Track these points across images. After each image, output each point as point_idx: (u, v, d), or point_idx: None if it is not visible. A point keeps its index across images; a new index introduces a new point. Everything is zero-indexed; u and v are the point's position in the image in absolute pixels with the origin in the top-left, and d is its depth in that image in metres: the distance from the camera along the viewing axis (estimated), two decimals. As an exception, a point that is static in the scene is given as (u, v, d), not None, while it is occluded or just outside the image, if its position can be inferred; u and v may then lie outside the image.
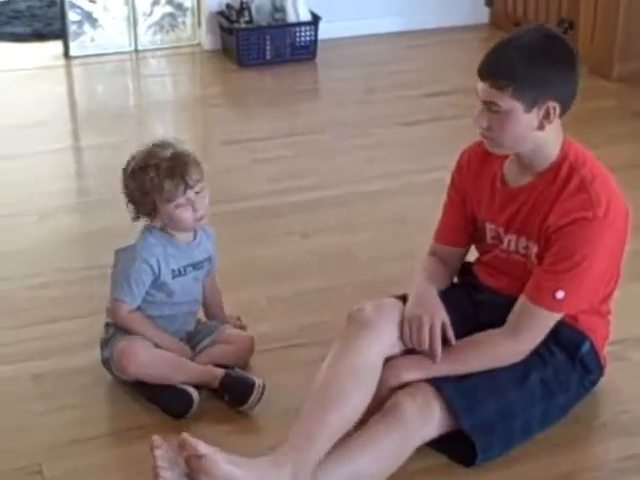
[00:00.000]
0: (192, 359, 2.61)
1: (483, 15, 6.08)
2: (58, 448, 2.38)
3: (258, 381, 2.50)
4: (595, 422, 2.49)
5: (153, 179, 2.45)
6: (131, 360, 2.49)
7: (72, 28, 5.44)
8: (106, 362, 2.59)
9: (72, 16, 5.43)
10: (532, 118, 2.25)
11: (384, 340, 2.32)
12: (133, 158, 2.52)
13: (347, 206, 3.70)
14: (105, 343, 2.60)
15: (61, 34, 5.51)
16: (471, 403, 2.26)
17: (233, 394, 2.51)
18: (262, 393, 2.49)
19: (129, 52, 5.56)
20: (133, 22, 5.54)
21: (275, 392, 2.53)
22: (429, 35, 5.83)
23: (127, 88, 5.30)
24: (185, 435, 2.08)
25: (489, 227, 2.49)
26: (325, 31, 5.48)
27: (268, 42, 5.36)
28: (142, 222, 2.59)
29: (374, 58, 5.52)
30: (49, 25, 5.96)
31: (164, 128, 4.70)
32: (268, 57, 5.38)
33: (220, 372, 2.54)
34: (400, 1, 5.84)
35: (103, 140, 4.35)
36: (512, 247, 2.44)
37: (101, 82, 5.32)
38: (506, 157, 2.43)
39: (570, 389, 2.41)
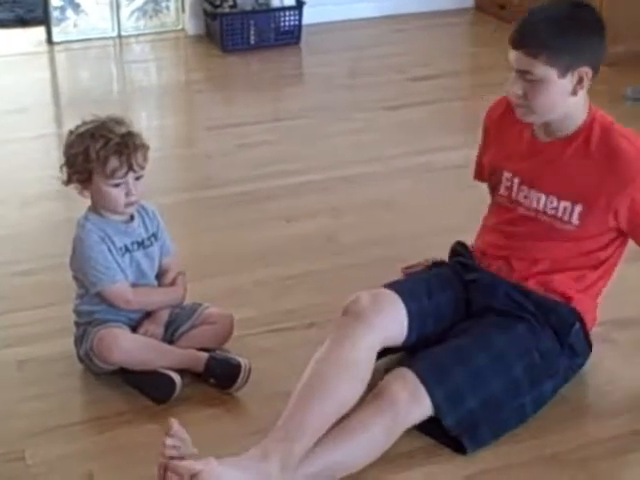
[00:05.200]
0: (172, 344, 2.59)
1: (468, -1, 6.08)
2: (41, 434, 2.37)
3: (244, 361, 2.49)
4: (581, 403, 2.49)
5: (100, 150, 2.40)
6: (112, 347, 2.45)
7: (55, 14, 5.41)
8: (85, 357, 2.55)
9: (55, 1, 5.40)
10: (566, 84, 2.28)
11: (377, 333, 2.30)
12: (85, 123, 2.46)
13: (332, 191, 3.68)
14: (79, 340, 2.56)
15: (44, 20, 5.48)
16: (451, 399, 2.24)
17: (220, 377, 2.49)
18: (249, 374, 2.48)
19: (112, 38, 5.53)
20: (116, 7, 5.51)
21: (260, 375, 2.51)
22: (414, 19, 5.82)
23: (110, 74, 5.27)
24: (172, 464, 2.03)
25: (506, 176, 2.48)
26: (309, 15, 5.46)
27: (252, 27, 5.34)
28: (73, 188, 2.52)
29: (359, 42, 5.50)
30: (31, 11, 5.92)
31: (148, 114, 4.68)
32: (252, 42, 5.36)
33: (204, 355, 2.52)
34: (385, -15, 5.84)
35: (86, 126, 4.33)
36: (541, 206, 2.41)
37: (84, 68, 5.29)
38: None
39: (558, 373, 2.41)
